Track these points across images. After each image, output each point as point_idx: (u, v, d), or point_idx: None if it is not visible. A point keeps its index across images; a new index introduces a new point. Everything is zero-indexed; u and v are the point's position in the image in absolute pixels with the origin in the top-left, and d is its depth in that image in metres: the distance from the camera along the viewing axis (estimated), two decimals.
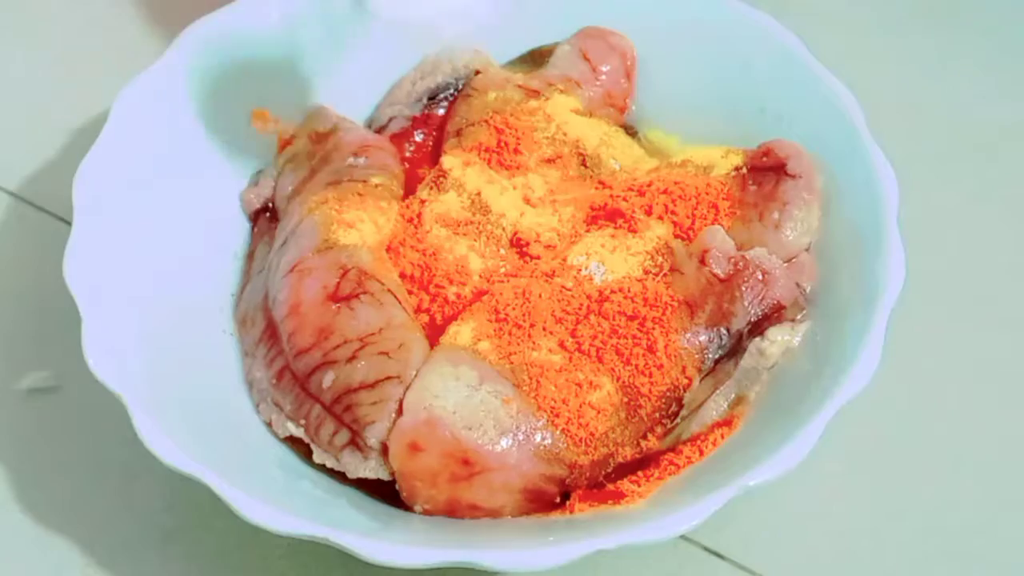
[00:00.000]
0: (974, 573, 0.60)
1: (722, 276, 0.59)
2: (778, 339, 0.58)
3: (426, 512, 0.55)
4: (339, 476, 0.57)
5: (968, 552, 0.60)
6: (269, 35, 0.69)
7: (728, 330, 0.58)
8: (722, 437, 0.56)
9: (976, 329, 0.68)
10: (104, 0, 0.84)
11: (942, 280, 0.69)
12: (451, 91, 0.71)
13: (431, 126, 0.70)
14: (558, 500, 0.56)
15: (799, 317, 0.59)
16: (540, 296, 0.58)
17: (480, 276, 0.61)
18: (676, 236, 0.62)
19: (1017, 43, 0.83)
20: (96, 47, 0.81)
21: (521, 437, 0.54)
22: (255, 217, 0.67)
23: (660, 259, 0.60)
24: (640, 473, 0.56)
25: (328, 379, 0.57)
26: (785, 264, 0.60)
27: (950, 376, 0.66)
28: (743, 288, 0.58)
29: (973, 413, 0.65)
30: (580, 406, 0.55)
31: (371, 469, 0.55)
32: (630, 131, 0.70)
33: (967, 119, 0.78)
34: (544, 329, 0.57)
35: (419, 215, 0.63)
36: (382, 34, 0.72)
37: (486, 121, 0.67)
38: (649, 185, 0.64)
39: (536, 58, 0.72)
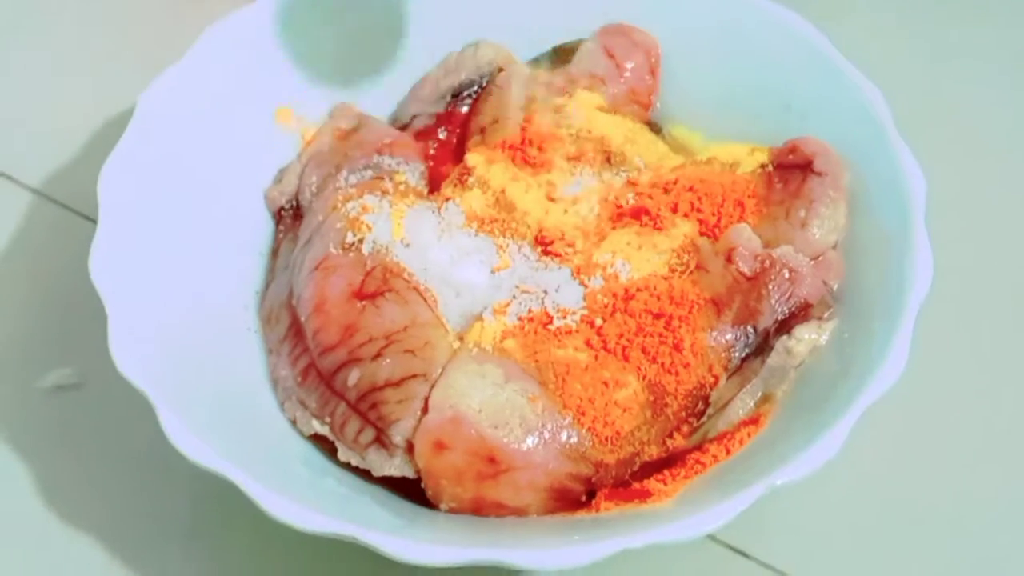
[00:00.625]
0: (1001, 573, 0.59)
1: (749, 274, 0.58)
2: (805, 337, 0.58)
3: (452, 510, 0.55)
4: (364, 474, 0.57)
5: (995, 552, 0.60)
6: (292, 32, 0.69)
7: (755, 328, 0.58)
8: (749, 436, 0.56)
9: (1004, 328, 0.68)
10: None
11: (970, 279, 0.68)
12: (475, 88, 0.71)
13: (455, 123, 0.70)
14: (584, 499, 0.56)
15: (826, 315, 0.58)
16: None
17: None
18: (702, 234, 0.62)
19: None
20: (120, 44, 0.81)
21: (547, 435, 0.54)
22: (279, 215, 0.67)
23: (686, 257, 0.60)
24: (666, 472, 0.56)
25: (353, 377, 0.57)
26: (812, 262, 0.60)
27: (978, 376, 0.66)
28: (770, 286, 0.58)
29: (1001, 413, 0.64)
30: (606, 404, 0.55)
31: (396, 467, 0.55)
32: (655, 128, 0.70)
33: (995, 115, 0.78)
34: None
35: None
36: (406, 31, 0.71)
37: (510, 118, 0.67)
38: (674, 183, 0.64)
39: (560, 55, 0.72)
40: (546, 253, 0.62)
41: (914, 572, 0.59)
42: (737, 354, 0.58)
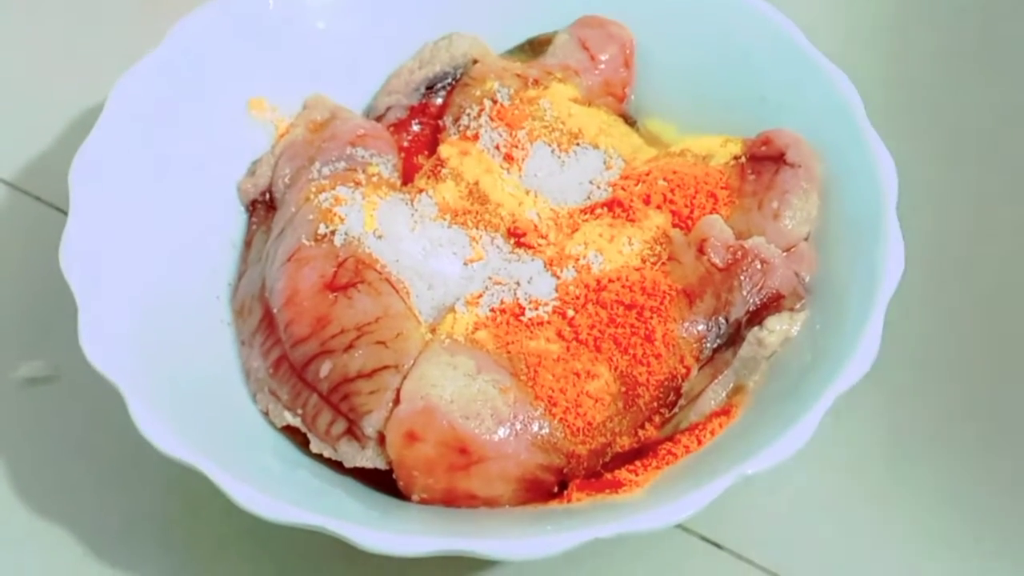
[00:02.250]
0: (972, 561, 0.59)
1: (721, 265, 0.59)
2: (777, 328, 0.58)
3: (423, 501, 0.55)
4: (336, 466, 0.57)
5: (967, 541, 0.60)
6: (266, 23, 0.69)
7: (727, 319, 0.58)
8: (720, 426, 0.56)
9: (975, 318, 0.68)
10: None
11: (941, 269, 0.69)
12: (449, 80, 0.70)
13: (429, 115, 0.70)
14: (556, 490, 0.56)
15: (798, 306, 0.59)
16: None
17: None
18: (674, 225, 0.62)
19: (1016, 30, 0.83)
20: (93, 36, 0.81)
21: (519, 426, 0.54)
22: (252, 206, 0.66)
23: (658, 248, 0.60)
24: (638, 462, 0.56)
25: (325, 368, 0.57)
26: (784, 253, 0.60)
27: (949, 365, 0.66)
28: (742, 277, 0.58)
29: (972, 402, 0.65)
30: (578, 395, 0.55)
31: (368, 458, 0.55)
32: (629, 120, 0.70)
33: (967, 107, 0.78)
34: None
35: None
36: (380, 22, 0.71)
37: (484, 110, 0.67)
38: (647, 174, 0.64)
39: (535, 47, 0.72)
40: (519, 245, 0.62)
41: (888, 560, 0.59)
42: (709, 345, 0.58)
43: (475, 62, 0.71)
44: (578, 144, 0.66)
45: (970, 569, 0.59)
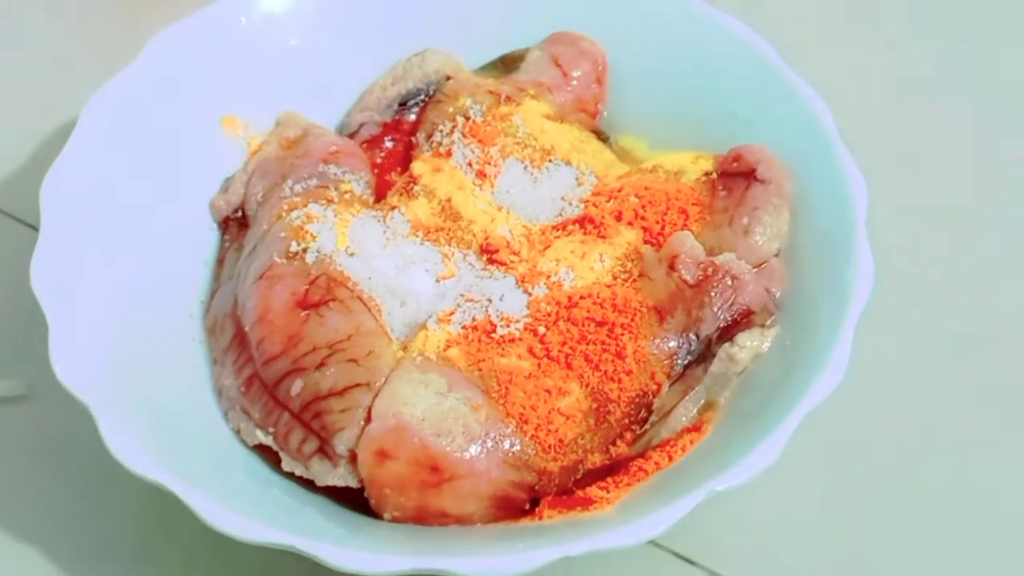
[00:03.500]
0: (944, 573, 0.60)
1: (691, 282, 0.59)
2: (747, 345, 0.58)
3: (395, 519, 0.55)
4: (308, 484, 0.57)
5: (938, 554, 0.60)
6: (239, 41, 0.69)
7: (697, 336, 0.58)
8: (691, 443, 0.56)
9: (944, 334, 0.68)
10: (74, 6, 0.84)
11: (911, 285, 0.69)
12: (422, 97, 0.71)
13: (402, 132, 0.70)
14: (527, 507, 0.56)
15: (768, 323, 0.59)
16: None
17: None
18: (646, 242, 0.62)
19: (985, 44, 0.84)
20: (65, 53, 0.81)
21: (490, 444, 0.54)
22: (225, 224, 0.66)
23: (629, 265, 0.60)
24: (609, 479, 0.56)
25: (297, 386, 0.57)
26: (755, 269, 0.60)
27: (919, 381, 0.66)
28: (712, 294, 0.58)
29: (942, 417, 0.65)
30: (549, 412, 0.55)
31: (340, 477, 0.55)
32: (601, 136, 0.70)
33: (937, 122, 0.78)
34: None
35: None
36: (353, 39, 0.71)
37: (457, 127, 0.67)
38: (619, 191, 0.64)
39: (507, 63, 0.72)
40: (491, 262, 0.62)
41: (858, 573, 0.60)
42: (680, 361, 0.58)
43: (448, 79, 0.71)
44: (550, 160, 0.67)
45: None
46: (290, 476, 0.57)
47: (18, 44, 0.82)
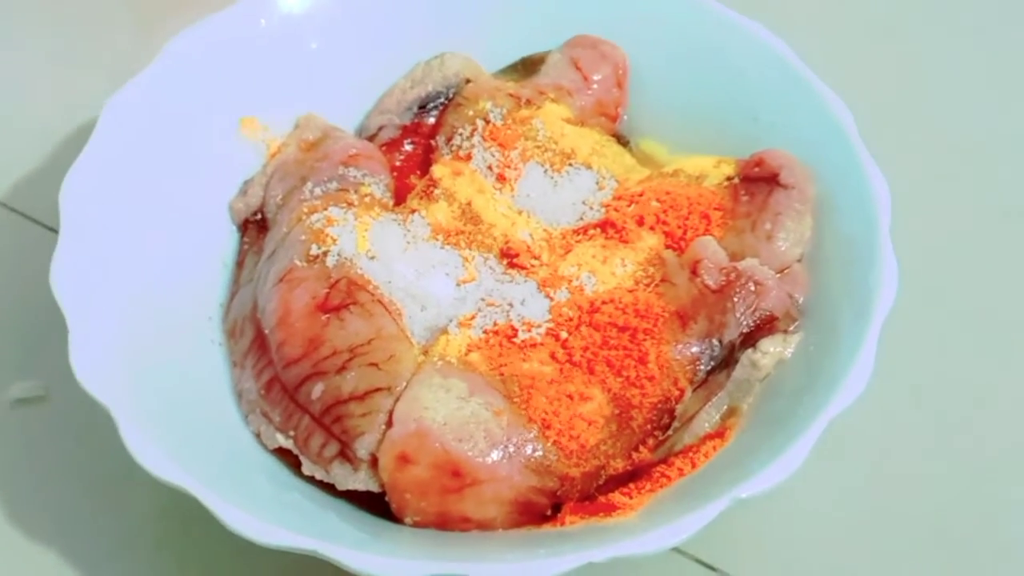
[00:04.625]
0: None
1: (714, 287, 0.58)
2: (770, 350, 0.58)
3: (416, 524, 0.55)
4: (329, 488, 0.56)
5: (962, 564, 0.60)
6: (258, 43, 0.69)
7: (720, 341, 0.58)
8: (714, 449, 0.56)
9: (969, 340, 0.68)
10: (93, 8, 0.84)
11: (935, 290, 0.69)
12: (441, 100, 0.70)
13: (421, 135, 0.70)
14: (549, 512, 0.55)
15: (791, 328, 0.59)
16: None
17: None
18: (667, 247, 0.62)
19: (1008, 47, 0.83)
20: (85, 55, 0.81)
21: (512, 449, 0.54)
22: (244, 226, 0.66)
23: (651, 270, 0.60)
24: (632, 485, 0.55)
25: (317, 390, 0.56)
26: (777, 275, 0.60)
27: (943, 387, 0.66)
28: (735, 299, 0.58)
29: (966, 424, 0.65)
30: (571, 418, 0.55)
31: (360, 481, 0.55)
32: (622, 140, 0.70)
33: (960, 126, 0.78)
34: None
35: None
36: (372, 42, 0.71)
37: (476, 130, 0.67)
38: (640, 195, 0.64)
39: (527, 66, 0.72)
40: (512, 266, 0.62)
41: None
42: (703, 367, 0.58)
43: (468, 82, 0.71)
44: (571, 164, 0.66)
45: None
46: (310, 480, 0.57)
47: (37, 46, 0.82)
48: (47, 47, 0.82)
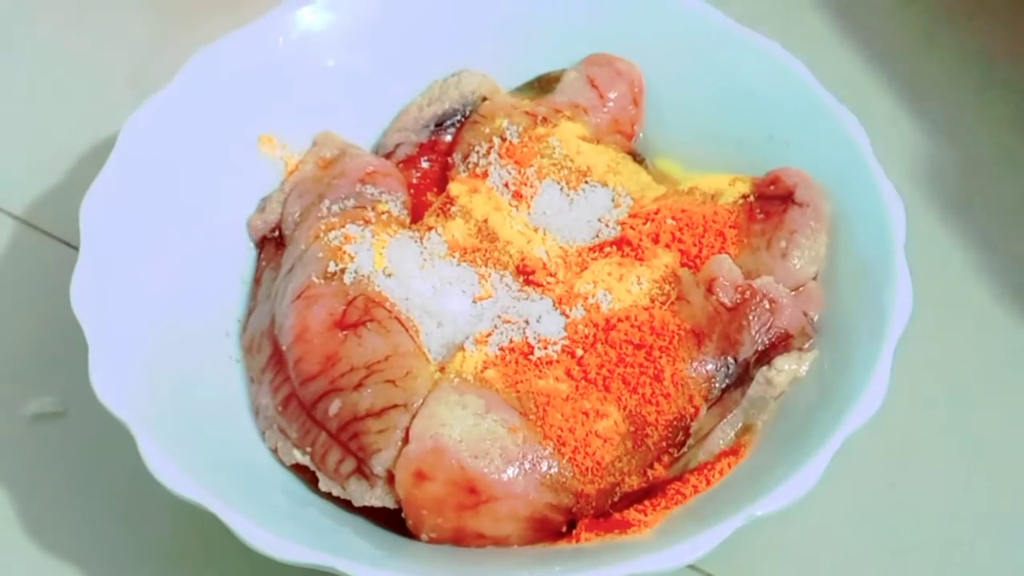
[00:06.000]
0: None
1: (729, 305, 0.59)
2: (785, 368, 0.58)
3: (432, 541, 0.55)
4: (345, 504, 0.57)
5: None
6: (277, 61, 0.69)
7: (735, 359, 0.58)
8: (729, 466, 0.56)
9: (984, 359, 0.68)
10: (113, 24, 0.84)
11: (950, 309, 0.69)
12: (458, 117, 0.71)
13: (438, 152, 0.70)
14: (564, 529, 0.56)
15: (806, 346, 0.59)
16: None
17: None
18: (683, 264, 0.62)
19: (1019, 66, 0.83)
20: (104, 71, 0.81)
21: (527, 466, 0.54)
22: (262, 243, 0.67)
23: (667, 287, 0.60)
24: (647, 502, 0.56)
25: (334, 406, 0.57)
26: (792, 293, 0.60)
27: (958, 406, 0.66)
28: (750, 317, 0.58)
29: (981, 444, 0.64)
30: (586, 435, 0.55)
31: (377, 497, 0.55)
32: (638, 158, 0.70)
33: (976, 145, 0.78)
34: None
35: None
36: (389, 60, 0.72)
37: (493, 148, 0.67)
38: (656, 213, 0.64)
39: (543, 84, 0.72)
40: (528, 283, 0.62)
41: None
42: (718, 385, 0.58)
43: (484, 99, 0.71)
44: (587, 182, 0.67)
45: None
46: (327, 496, 0.57)
47: (57, 62, 0.82)
48: (66, 63, 0.82)
